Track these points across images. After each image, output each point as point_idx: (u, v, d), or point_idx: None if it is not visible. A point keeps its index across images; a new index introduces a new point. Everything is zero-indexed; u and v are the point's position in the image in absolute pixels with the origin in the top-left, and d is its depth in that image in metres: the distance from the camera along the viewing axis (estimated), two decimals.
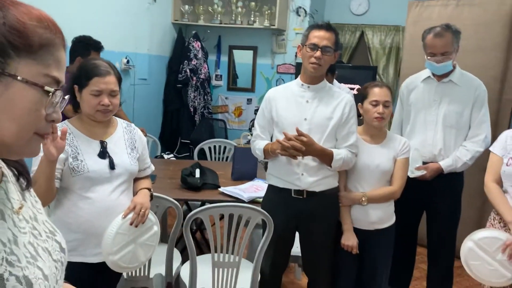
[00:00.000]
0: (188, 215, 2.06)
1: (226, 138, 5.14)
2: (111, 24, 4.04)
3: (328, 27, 2.13)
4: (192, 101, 5.30)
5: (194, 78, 5.22)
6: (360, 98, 2.31)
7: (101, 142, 1.83)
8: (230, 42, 5.55)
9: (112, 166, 1.80)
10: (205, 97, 5.46)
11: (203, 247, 3.44)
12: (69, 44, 3.24)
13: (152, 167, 2.08)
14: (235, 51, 5.65)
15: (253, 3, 5.05)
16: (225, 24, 5.26)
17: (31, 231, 0.79)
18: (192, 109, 5.33)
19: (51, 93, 0.72)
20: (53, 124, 0.77)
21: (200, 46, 5.27)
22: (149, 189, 1.97)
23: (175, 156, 4.51)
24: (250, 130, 5.19)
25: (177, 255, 2.51)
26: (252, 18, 5.15)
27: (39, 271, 0.74)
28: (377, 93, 2.22)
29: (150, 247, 1.90)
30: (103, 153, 1.81)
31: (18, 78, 0.68)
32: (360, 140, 2.27)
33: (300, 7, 5.11)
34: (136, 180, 1.99)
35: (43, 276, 0.75)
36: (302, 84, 2.24)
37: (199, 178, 2.75)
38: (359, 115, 2.28)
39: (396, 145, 2.29)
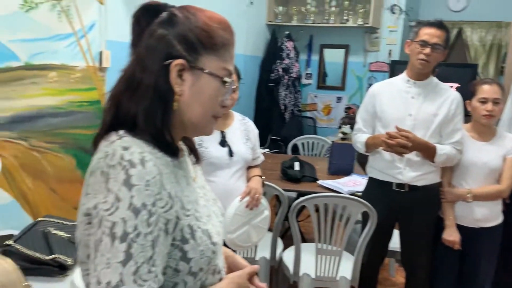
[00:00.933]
0: (294, 203, 2.20)
1: (315, 135, 5.23)
2: None
3: (440, 25, 2.15)
4: (283, 99, 5.46)
5: (286, 77, 5.38)
6: (467, 95, 2.29)
7: (221, 132, 2.03)
8: (321, 41, 5.64)
9: (230, 153, 2.00)
10: (296, 95, 5.60)
11: None
12: None
13: (262, 157, 2.25)
14: (326, 50, 5.72)
15: (346, 2, 5.09)
16: (317, 23, 5.35)
17: (204, 196, 0.97)
18: (282, 107, 5.50)
19: (228, 83, 0.88)
20: None
21: (292, 45, 5.41)
22: (260, 176, 2.14)
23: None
24: (339, 127, 5.23)
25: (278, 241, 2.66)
26: (345, 17, 5.19)
27: (213, 227, 0.91)
28: (486, 90, 2.19)
29: (262, 229, 2.07)
30: (223, 142, 2.01)
31: (206, 71, 0.85)
32: (468, 137, 2.26)
33: (395, 5, 5.05)
34: (248, 168, 2.17)
35: (216, 232, 0.92)
36: (408, 80, 2.28)
37: (299, 170, 2.88)
38: (466, 112, 2.27)
39: (507, 143, 2.24)
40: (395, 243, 2.50)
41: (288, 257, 2.45)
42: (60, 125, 2.74)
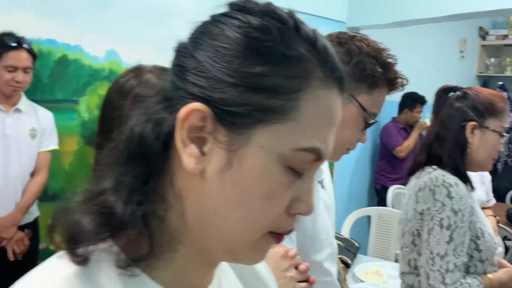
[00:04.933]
0: None
1: None
2: (428, 80, 4.66)
3: None
4: None
5: None
6: None
7: None
8: None
9: None
10: (509, 145, 5.44)
11: None
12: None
13: (494, 200, 2.51)
14: None
15: None
16: None
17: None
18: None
19: (505, 136, 1.31)
20: None
21: (506, 96, 5.35)
22: (494, 216, 2.40)
23: None
24: None
25: None
26: None
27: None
28: None
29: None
30: None
31: (490, 128, 1.29)
32: None
33: None
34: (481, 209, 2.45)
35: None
36: None
37: None
38: None
39: None
40: None
41: None
42: None
